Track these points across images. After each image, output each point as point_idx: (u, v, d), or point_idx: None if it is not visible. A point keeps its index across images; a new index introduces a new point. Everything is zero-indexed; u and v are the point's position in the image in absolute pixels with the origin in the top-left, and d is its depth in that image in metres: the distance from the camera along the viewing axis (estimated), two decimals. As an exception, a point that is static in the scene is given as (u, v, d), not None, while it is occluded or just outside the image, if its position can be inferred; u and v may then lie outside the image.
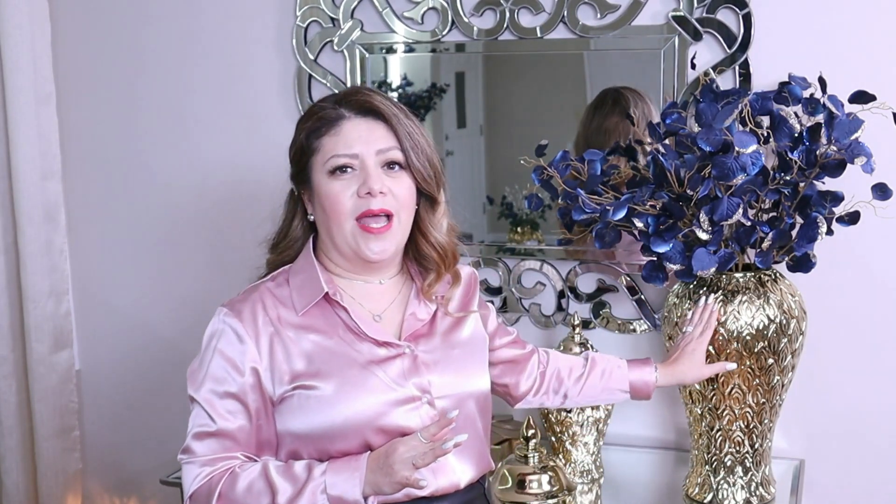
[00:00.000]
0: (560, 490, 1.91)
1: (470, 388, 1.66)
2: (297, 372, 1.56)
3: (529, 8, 2.20)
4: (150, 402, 2.67)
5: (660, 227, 1.85)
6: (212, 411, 1.55)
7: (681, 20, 2.10)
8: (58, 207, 2.60)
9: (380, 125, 1.59)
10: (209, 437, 1.55)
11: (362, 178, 1.56)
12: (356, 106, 1.60)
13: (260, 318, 1.58)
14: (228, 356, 1.56)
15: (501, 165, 2.29)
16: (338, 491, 1.48)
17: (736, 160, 1.73)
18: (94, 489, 2.77)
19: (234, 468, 1.54)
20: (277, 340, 1.57)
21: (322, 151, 1.59)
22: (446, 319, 1.70)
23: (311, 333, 1.58)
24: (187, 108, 2.51)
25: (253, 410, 1.56)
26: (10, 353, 2.59)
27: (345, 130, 1.58)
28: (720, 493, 1.97)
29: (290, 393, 1.56)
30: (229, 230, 2.52)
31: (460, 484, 1.63)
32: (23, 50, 2.46)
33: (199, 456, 1.55)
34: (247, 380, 1.55)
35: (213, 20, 2.44)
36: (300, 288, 1.61)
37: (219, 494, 1.52)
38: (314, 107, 1.64)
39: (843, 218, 1.88)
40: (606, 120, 2.17)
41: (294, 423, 1.56)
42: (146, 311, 2.64)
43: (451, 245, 1.68)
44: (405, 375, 1.59)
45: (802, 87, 1.89)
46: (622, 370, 1.89)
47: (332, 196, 1.57)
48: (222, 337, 1.57)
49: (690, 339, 1.89)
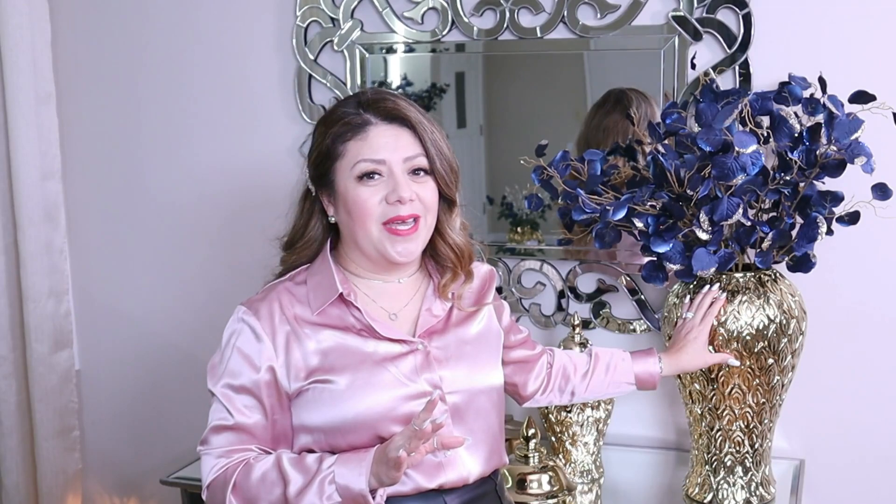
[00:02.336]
0: (560, 490, 1.91)
1: (481, 383, 1.67)
2: (312, 367, 1.60)
3: (529, 8, 2.20)
4: (150, 402, 2.67)
5: (660, 227, 1.85)
6: (230, 406, 1.60)
7: (681, 20, 2.10)
8: (58, 207, 2.60)
9: (405, 132, 1.61)
10: (227, 430, 1.60)
11: (391, 185, 1.59)
12: (383, 112, 1.61)
13: (277, 317, 1.61)
14: (246, 353, 1.60)
15: (501, 165, 2.29)
16: (345, 481, 1.51)
17: (736, 160, 1.73)
18: (94, 489, 2.77)
19: (248, 460, 1.58)
20: (294, 338, 1.61)
21: (348, 157, 1.61)
22: (459, 315, 1.72)
23: (327, 330, 1.62)
24: (187, 108, 2.51)
25: (268, 406, 1.60)
26: (10, 353, 2.59)
27: (371, 136, 1.60)
28: (720, 493, 1.97)
29: (307, 387, 1.60)
30: (229, 230, 2.52)
31: (469, 478, 1.63)
32: (23, 50, 2.46)
33: (216, 448, 1.60)
34: (262, 376, 1.59)
35: (213, 20, 2.44)
36: (316, 288, 1.65)
37: (234, 484, 1.56)
38: (337, 111, 1.65)
39: (843, 218, 1.88)
40: (607, 118, 2.17)
41: (308, 417, 1.60)
42: (146, 311, 2.64)
43: (468, 245, 1.72)
44: (417, 371, 1.62)
45: (802, 87, 1.89)
46: (626, 363, 1.92)
47: (361, 201, 1.60)
48: (241, 335, 1.61)
49: (691, 326, 1.91)
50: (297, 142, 2.40)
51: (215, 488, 1.59)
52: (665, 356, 1.91)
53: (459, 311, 1.71)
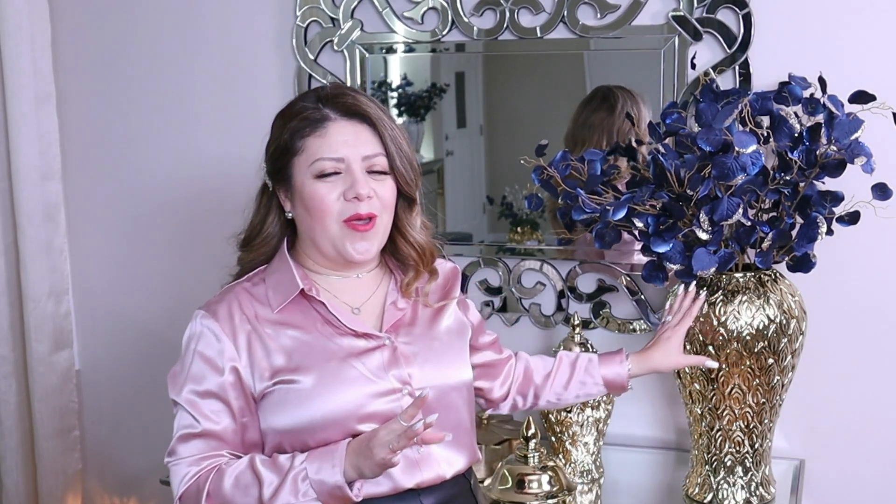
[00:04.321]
0: (560, 490, 1.91)
1: (451, 379, 1.65)
2: (276, 367, 1.57)
3: (529, 8, 2.20)
4: (150, 402, 2.67)
5: (660, 227, 1.85)
6: (195, 412, 1.57)
7: (681, 20, 2.10)
8: (58, 207, 2.60)
9: (365, 129, 1.59)
10: (195, 437, 1.57)
11: (349, 181, 1.57)
12: (342, 108, 1.59)
13: (237, 317, 1.59)
14: (208, 357, 1.57)
15: (501, 165, 2.29)
16: (319, 476, 1.49)
17: (736, 160, 1.73)
18: (94, 489, 2.77)
19: (220, 465, 1.55)
20: (255, 337, 1.58)
21: (306, 153, 1.58)
22: (426, 311, 1.70)
23: (289, 329, 1.59)
24: (187, 109, 2.51)
25: (236, 409, 1.57)
26: (10, 353, 2.59)
27: (331, 133, 1.58)
28: (720, 493, 1.97)
29: (271, 388, 1.56)
30: (229, 230, 2.50)
31: (446, 475, 1.62)
32: (23, 50, 2.46)
33: (185, 457, 1.57)
34: (226, 378, 1.56)
35: (213, 20, 2.44)
36: (276, 286, 1.62)
37: (207, 493, 1.53)
38: (296, 105, 1.62)
39: (843, 218, 1.88)
40: (593, 115, 2.18)
41: (276, 419, 1.57)
42: (146, 310, 2.64)
43: (429, 243, 1.69)
44: (385, 367, 1.59)
45: (802, 87, 1.89)
46: (593, 363, 1.88)
47: (318, 198, 1.57)
48: (201, 339, 1.58)
49: (667, 327, 1.90)
50: (297, 142, 2.40)
51: (188, 499, 1.55)
52: (634, 355, 1.89)
53: (426, 307, 1.69)
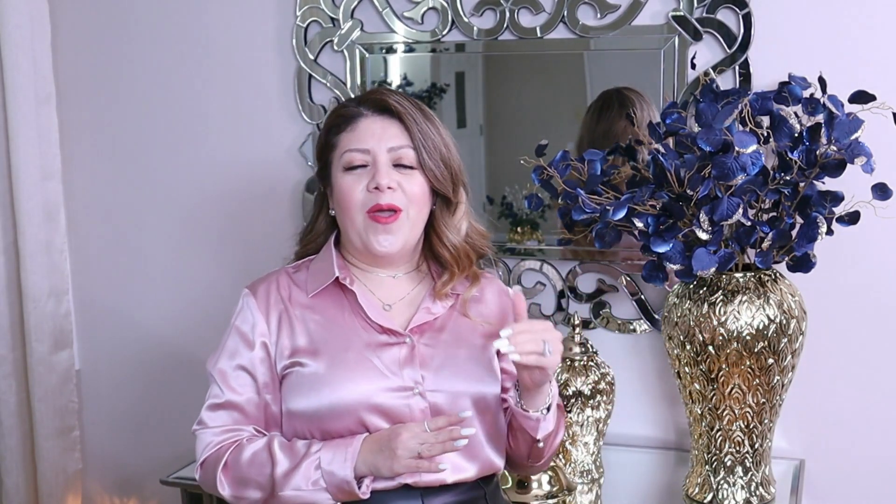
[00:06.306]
0: (560, 490, 1.91)
1: (467, 387, 1.63)
2: (296, 348, 1.62)
3: (529, 8, 2.19)
4: (150, 402, 2.67)
5: (660, 227, 1.85)
6: (223, 384, 1.64)
7: (681, 20, 2.10)
8: (58, 207, 2.60)
9: (394, 123, 1.64)
10: (219, 408, 1.64)
11: (372, 173, 1.61)
12: (373, 104, 1.66)
13: (273, 296, 1.66)
14: (243, 332, 1.65)
15: (501, 165, 2.29)
16: (330, 467, 1.53)
17: (736, 160, 1.73)
18: (94, 489, 2.77)
19: (241, 441, 1.61)
20: (286, 318, 1.64)
21: (339, 147, 1.65)
22: (465, 324, 1.69)
23: (317, 314, 1.65)
24: (187, 108, 2.51)
25: (261, 384, 1.64)
26: (10, 353, 2.59)
27: (360, 127, 1.64)
28: (720, 493, 1.97)
29: (289, 370, 1.62)
30: (229, 229, 2.52)
31: (446, 480, 1.61)
32: (23, 50, 2.46)
33: (211, 427, 1.64)
34: (256, 353, 1.63)
35: (213, 20, 2.44)
36: (316, 273, 1.68)
37: (225, 463, 1.59)
38: (338, 105, 1.72)
39: (843, 218, 1.88)
40: (614, 124, 2.16)
41: (290, 402, 1.62)
42: (146, 310, 2.63)
43: (465, 247, 1.71)
44: (399, 364, 1.61)
45: (802, 87, 1.89)
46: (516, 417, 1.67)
47: (346, 190, 1.63)
48: (239, 314, 1.67)
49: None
50: (297, 142, 2.40)
51: (208, 466, 1.62)
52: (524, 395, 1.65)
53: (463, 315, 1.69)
